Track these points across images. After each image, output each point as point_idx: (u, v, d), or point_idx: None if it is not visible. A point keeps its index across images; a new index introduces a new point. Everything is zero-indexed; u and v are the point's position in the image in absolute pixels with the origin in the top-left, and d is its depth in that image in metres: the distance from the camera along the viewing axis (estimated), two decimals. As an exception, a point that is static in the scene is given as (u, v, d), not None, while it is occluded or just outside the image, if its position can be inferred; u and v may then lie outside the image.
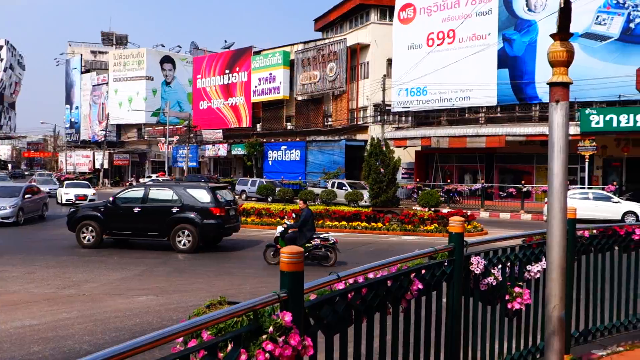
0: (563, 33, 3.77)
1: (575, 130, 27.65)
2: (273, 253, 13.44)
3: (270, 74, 50.87)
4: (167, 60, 68.91)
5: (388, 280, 3.51)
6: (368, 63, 43.13)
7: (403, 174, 38.45)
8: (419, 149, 37.92)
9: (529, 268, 4.92)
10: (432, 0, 36.42)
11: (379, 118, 39.78)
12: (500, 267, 4.58)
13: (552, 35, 3.83)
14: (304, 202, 13.72)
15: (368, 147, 22.13)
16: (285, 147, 48.45)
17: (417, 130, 36.94)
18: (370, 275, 3.40)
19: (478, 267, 4.26)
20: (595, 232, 5.78)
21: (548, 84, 3.87)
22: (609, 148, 30.71)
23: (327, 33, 52.60)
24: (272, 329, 2.55)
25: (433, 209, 22.11)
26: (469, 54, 33.16)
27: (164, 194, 15.87)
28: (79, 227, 15.86)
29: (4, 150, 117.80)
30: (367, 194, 26.40)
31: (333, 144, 43.98)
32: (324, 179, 39.62)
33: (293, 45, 50.03)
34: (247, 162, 52.63)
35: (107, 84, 70.61)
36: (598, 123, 27.29)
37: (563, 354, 4.05)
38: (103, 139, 65.64)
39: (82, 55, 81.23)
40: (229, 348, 2.51)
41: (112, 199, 16.03)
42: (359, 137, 42.53)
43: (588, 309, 5.77)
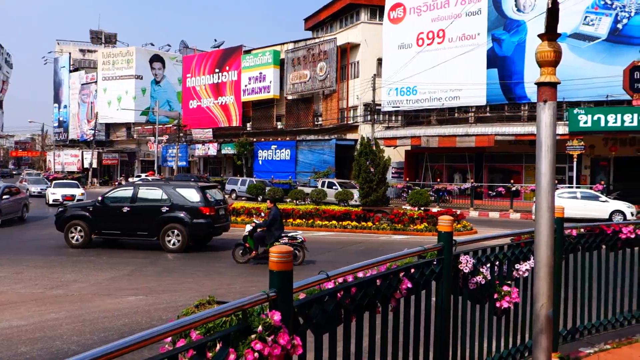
0: (551, 33, 3.79)
1: (564, 130, 27.86)
2: (241, 252, 13.56)
3: (261, 73, 50.78)
4: (156, 59, 68.53)
5: (377, 280, 3.51)
6: (358, 62, 43.16)
7: (393, 174, 38.54)
8: (409, 149, 38.01)
9: (518, 267, 4.95)
10: (422, 0, 36.52)
11: (369, 117, 39.86)
12: (489, 266, 4.60)
13: (539, 36, 3.85)
14: (272, 201, 13.87)
15: (358, 146, 22.18)
16: (276, 146, 48.38)
17: (407, 130, 37.03)
18: (360, 275, 3.41)
19: (467, 266, 4.28)
20: (583, 231, 5.82)
21: (536, 84, 3.89)
22: (597, 148, 30.94)
23: (317, 32, 52.59)
24: (261, 329, 2.54)
25: (423, 208, 22.18)
26: (459, 54, 33.30)
27: (153, 194, 15.81)
28: (68, 227, 15.76)
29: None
30: (357, 194, 26.44)
31: (323, 144, 43.97)
32: (314, 179, 39.60)
33: (283, 45, 49.95)
34: (237, 161, 52.49)
35: (95, 83, 70.12)
36: (586, 123, 27.50)
37: (551, 352, 4.08)
38: (92, 138, 65.22)
39: (70, 54, 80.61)
40: (218, 347, 2.50)
41: (100, 199, 15.93)
42: (349, 136, 42.55)
43: (576, 308, 5.81)
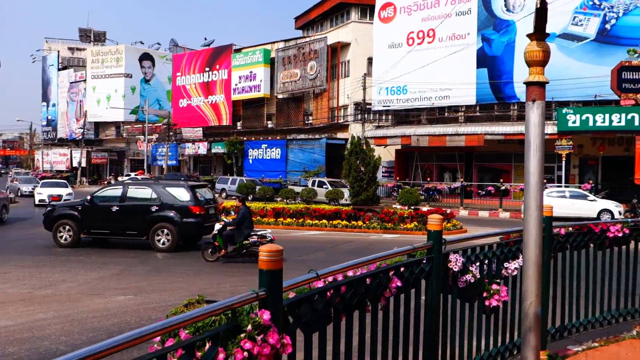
0: (539, 33, 3.80)
1: (553, 130, 28.01)
2: (211, 250, 13.64)
3: (251, 72, 50.69)
4: (146, 58, 68.19)
5: (367, 278, 3.51)
6: (349, 62, 43.18)
7: (383, 173, 38.60)
8: (399, 148, 38.09)
9: (507, 265, 4.97)
10: (412, 0, 36.60)
11: (360, 117, 39.87)
12: (478, 264, 4.62)
13: (528, 36, 3.87)
14: (241, 201, 14.17)
15: (348, 145, 22.17)
16: (266, 145, 48.30)
17: (397, 129, 37.12)
18: (350, 273, 3.40)
19: (456, 264, 4.29)
20: (571, 229, 5.85)
21: (525, 84, 3.91)
22: (585, 147, 31.15)
23: (307, 31, 52.58)
24: (250, 328, 2.54)
25: (413, 208, 22.22)
26: (449, 54, 33.41)
27: (143, 193, 15.75)
28: (56, 226, 15.66)
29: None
30: (347, 193, 26.45)
31: (314, 143, 43.95)
32: (305, 178, 39.57)
33: (274, 44, 49.90)
34: (227, 160, 52.35)
35: (84, 81, 69.66)
36: (575, 122, 27.66)
37: (539, 350, 4.10)
38: (81, 137, 64.80)
39: (59, 52, 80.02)
40: (207, 347, 2.49)
41: (89, 198, 15.85)
42: (340, 135, 42.57)
43: (564, 306, 5.84)
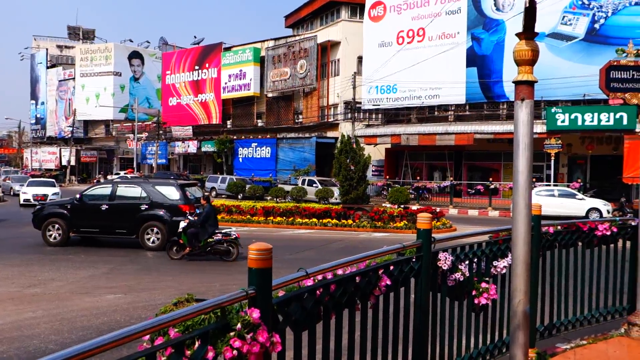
0: (528, 32, 3.83)
1: (542, 129, 28.17)
2: (176, 248, 13.66)
3: (241, 71, 50.56)
4: (135, 56, 67.80)
5: (357, 277, 3.52)
6: (339, 60, 43.18)
7: (373, 171, 38.63)
8: (389, 147, 38.14)
9: (495, 264, 4.99)
10: (402, -1, 36.64)
11: (350, 115, 39.87)
12: (468, 262, 4.64)
13: (517, 35, 3.89)
14: (205, 199, 14.30)
15: (338, 144, 22.17)
16: (256, 144, 48.20)
17: (387, 128, 37.17)
18: (339, 272, 3.41)
19: (445, 263, 4.30)
20: (560, 228, 5.89)
21: (514, 82, 3.93)
22: (574, 146, 31.35)
23: (297, 30, 52.51)
24: (239, 326, 2.54)
25: (402, 206, 22.30)
26: (438, 53, 33.48)
27: (133, 191, 15.69)
28: (45, 224, 15.57)
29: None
30: (337, 191, 26.48)
31: (304, 141, 43.91)
32: (295, 176, 39.57)
33: (263, 42, 49.80)
34: (217, 159, 52.21)
35: (73, 79, 69.18)
36: (564, 121, 27.82)
37: (528, 348, 4.13)
38: (70, 135, 64.40)
39: (47, 50, 79.41)
40: (196, 345, 2.49)
41: (79, 196, 15.77)
42: (330, 134, 42.57)
43: (553, 304, 5.88)
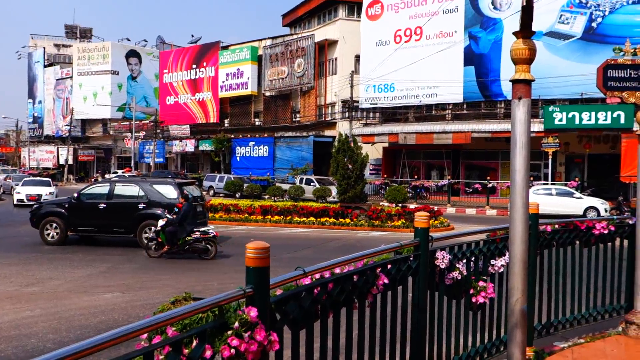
0: (525, 31, 3.82)
1: (539, 127, 28.20)
2: (154, 247, 13.69)
3: (238, 69, 50.52)
4: (133, 55, 67.70)
5: (354, 275, 3.52)
6: (336, 59, 43.16)
7: (371, 170, 38.65)
8: (387, 145, 38.15)
9: (493, 262, 5.00)
10: (399, -3, 36.63)
11: (347, 114, 39.89)
12: (465, 261, 4.64)
13: (514, 33, 3.88)
14: (184, 198, 14.36)
15: (336, 143, 22.15)
16: (254, 143, 48.18)
17: (384, 127, 37.16)
18: (337, 271, 3.41)
19: (443, 261, 4.31)
20: (558, 227, 5.89)
21: (511, 81, 3.92)
22: (572, 145, 31.37)
23: (295, 29, 52.47)
24: (237, 325, 2.54)
25: (400, 205, 22.30)
26: (436, 51, 33.47)
27: (130, 190, 15.68)
28: (43, 223, 15.55)
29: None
30: (335, 190, 26.47)
31: (301, 140, 43.91)
32: (292, 175, 39.56)
33: (261, 41, 49.76)
34: (214, 158, 52.19)
35: (71, 78, 69.03)
36: (561, 120, 27.85)
37: (525, 346, 4.13)
38: (67, 134, 64.26)
39: (45, 49, 79.22)
40: (194, 344, 2.49)
41: (76, 195, 15.76)
42: (327, 133, 42.55)
43: (550, 302, 5.89)
